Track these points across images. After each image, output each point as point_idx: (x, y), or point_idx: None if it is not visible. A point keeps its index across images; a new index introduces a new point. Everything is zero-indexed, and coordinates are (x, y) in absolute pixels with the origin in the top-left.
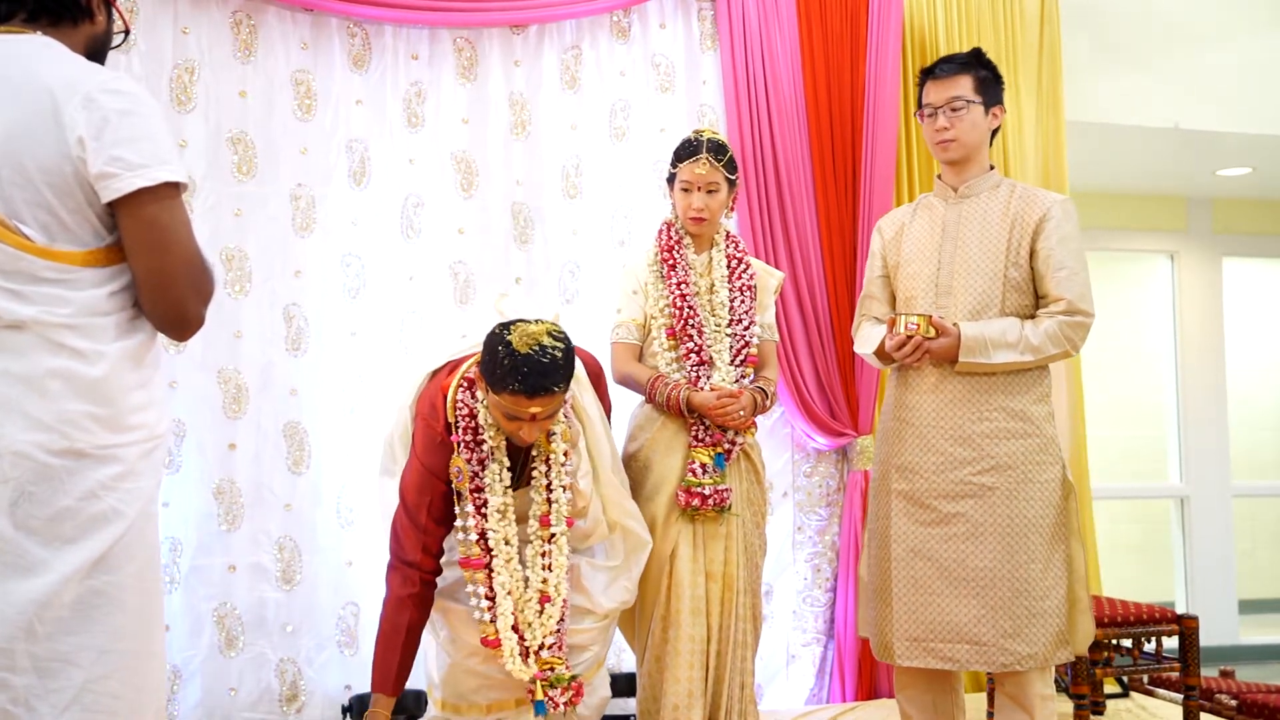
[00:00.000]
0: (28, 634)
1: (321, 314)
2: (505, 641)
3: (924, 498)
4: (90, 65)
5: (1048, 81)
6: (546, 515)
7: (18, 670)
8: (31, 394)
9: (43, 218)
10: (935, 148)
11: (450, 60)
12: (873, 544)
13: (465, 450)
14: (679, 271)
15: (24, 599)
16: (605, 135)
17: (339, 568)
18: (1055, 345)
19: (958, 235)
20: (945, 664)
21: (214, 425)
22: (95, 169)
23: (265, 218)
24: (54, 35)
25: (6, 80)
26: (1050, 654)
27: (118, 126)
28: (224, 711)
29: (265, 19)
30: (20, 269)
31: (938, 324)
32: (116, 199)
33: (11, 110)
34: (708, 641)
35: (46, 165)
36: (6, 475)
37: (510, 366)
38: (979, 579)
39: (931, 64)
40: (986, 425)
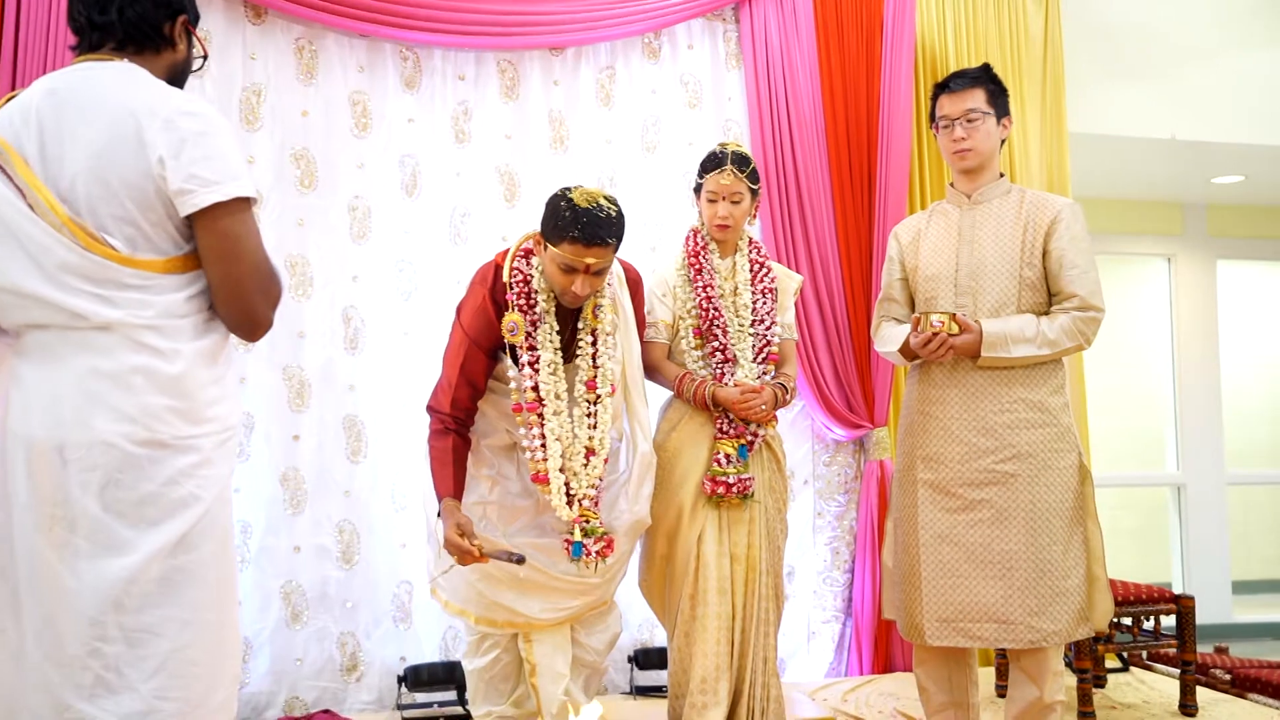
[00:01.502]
0: (117, 607)
1: (377, 315)
2: (553, 480)
3: (949, 486)
4: (169, 90)
5: (1051, 96)
6: (592, 380)
7: (109, 640)
8: (118, 389)
9: (127, 230)
10: (952, 157)
11: (494, 81)
12: (898, 531)
13: (519, 311)
14: (705, 275)
15: (113, 575)
16: (638, 149)
17: (394, 549)
18: (1070, 339)
19: (974, 239)
20: (974, 642)
21: (280, 418)
22: (174, 185)
23: (325, 227)
24: (139, 62)
25: (96, 104)
26: (1073, 630)
27: (194, 146)
28: (291, 680)
29: (325, 44)
30: (107, 276)
31: (961, 321)
32: (193, 212)
33: (100, 132)
34: (733, 619)
35: (130, 182)
36: (96, 463)
37: (571, 218)
38: (1004, 561)
39: (945, 79)
40: (1007, 416)
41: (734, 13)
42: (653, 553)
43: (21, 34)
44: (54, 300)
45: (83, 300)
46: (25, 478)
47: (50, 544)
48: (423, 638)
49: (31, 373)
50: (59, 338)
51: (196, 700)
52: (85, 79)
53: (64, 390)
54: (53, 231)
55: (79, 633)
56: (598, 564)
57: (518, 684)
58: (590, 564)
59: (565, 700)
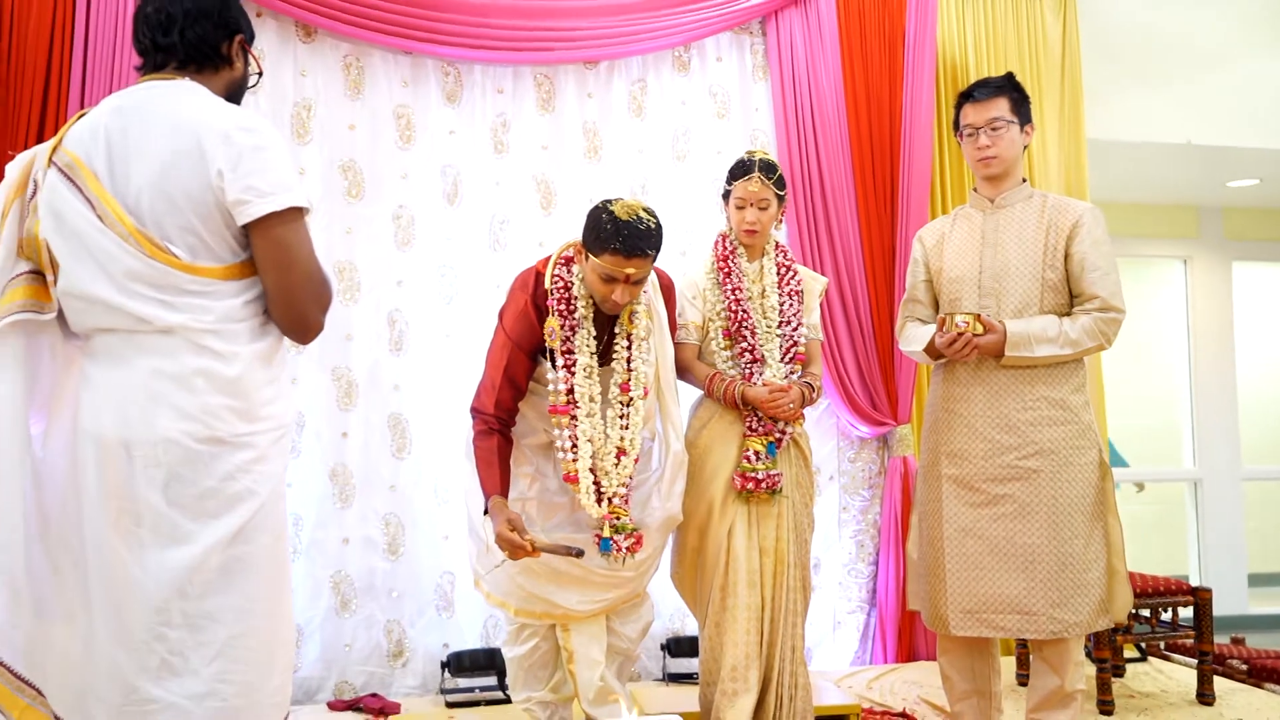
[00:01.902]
0: (180, 595)
1: (420, 319)
2: (582, 480)
3: (973, 481)
4: (228, 106)
5: (1069, 103)
6: (626, 383)
7: (173, 625)
8: (180, 389)
9: (188, 239)
10: (977, 164)
11: (531, 94)
12: (923, 525)
13: (559, 317)
14: (734, 279)
15: (176, 565)
16: (668, 158)
17: (437, 541)
18: (1091, 339)
19: (997, 242)
20: (997, 632)
21: (329, 416)
22: (232, 196)
23: (371, 235)
24: (199, 80)
25: (160, 121)
26: (1093, 621)
27: (251, 160)
28: (340, 665)
29: (371, 61)
30: (169, 282)
31: (986, 322)
32: (250, 222)
33: (164, 147)
34: (762, 609)
35: (192, 193)
36: (159, 459)
37: (613, 230)
38: (1026, 555)
39: (969, 88)
40: (1030, 414)
41: (761, 26)
42: (684, 546)
43: (90, 56)
44: (121, 305)
45: (147, 305)
46: (95, 473)
47: (118, 535)
48: (464, 625)
49: (100, 374)
50: (125, 341)
51: (254, 682)
52: (150, 97)
53: (130, 390)
54: (120, 241)
55: (145, 619)
56: (626, 559)
57: (555, 670)
58: (619, 559)
59: (601, 686)
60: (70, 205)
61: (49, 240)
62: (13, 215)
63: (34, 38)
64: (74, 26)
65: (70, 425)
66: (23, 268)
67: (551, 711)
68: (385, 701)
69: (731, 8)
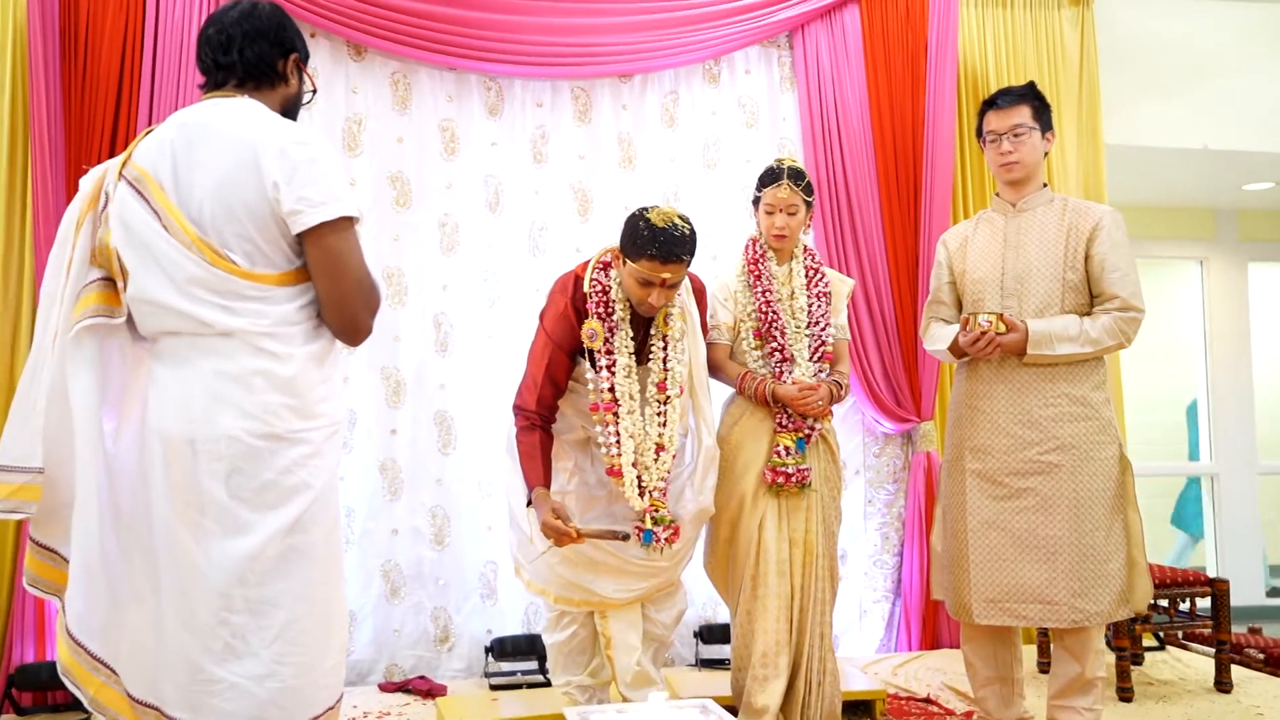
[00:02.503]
0: (241, 582)
1: (464, 321)
2: (626, 474)
3: (996, 475)
4: (283, 122)
5: (1087, 110)
6: (663, 382)
7: (235, 610)
8: (240, 389)
9: (246, 247)
10: (1000, 170)
11: (569, 106)
12: (947, 518)
13: (598, 319)
14: (764, 281)
15: (238, 553)
16: (699, 166)
17: (480, 532)
18: (1111, 338)
19: (1019, 245)
20: (1019, 621)
21: (379, 414)
22: (287, 207)
23: (418, 242)
24: (257, 97)
25: (220, 136)
26: (1113, 611)
27: (304, 172)
28: (390, 649)
29: (418, 78)
30: (229, 288)
31: (1009, 321)
32: (303, 230)
33: (224, 161)
34: (791, 598)
35: (250, 204)
36: (222, 454)
37: (649, 237)
38: (1048, 546)
39: (992, 95)
40: (1051, 410)
41: (788, 39)
42: (717, 537)
43: (156, 77)
44: (185, 310)
45: (209, 310)
46: (162, 468)
47: (184, 526)
48: (507, 612)
49: (166, 374)
50: (189, 343)
51: (310, 664)
52: (212, 114)
53: (194, 390)
54: (184, 249)
55: (210, 604)
56: (665, 549)
57: (594, 656)
58: (659, 549)
59: (638, 670)
60: (138, 216)
61: (119, 249)
62: (86, 226)
63: (106, 61)
64: (142, 50)
65: (139, 422)
66: (95, 275)
67: (590, 694)
68: (432, 684)
69: (759, 22)
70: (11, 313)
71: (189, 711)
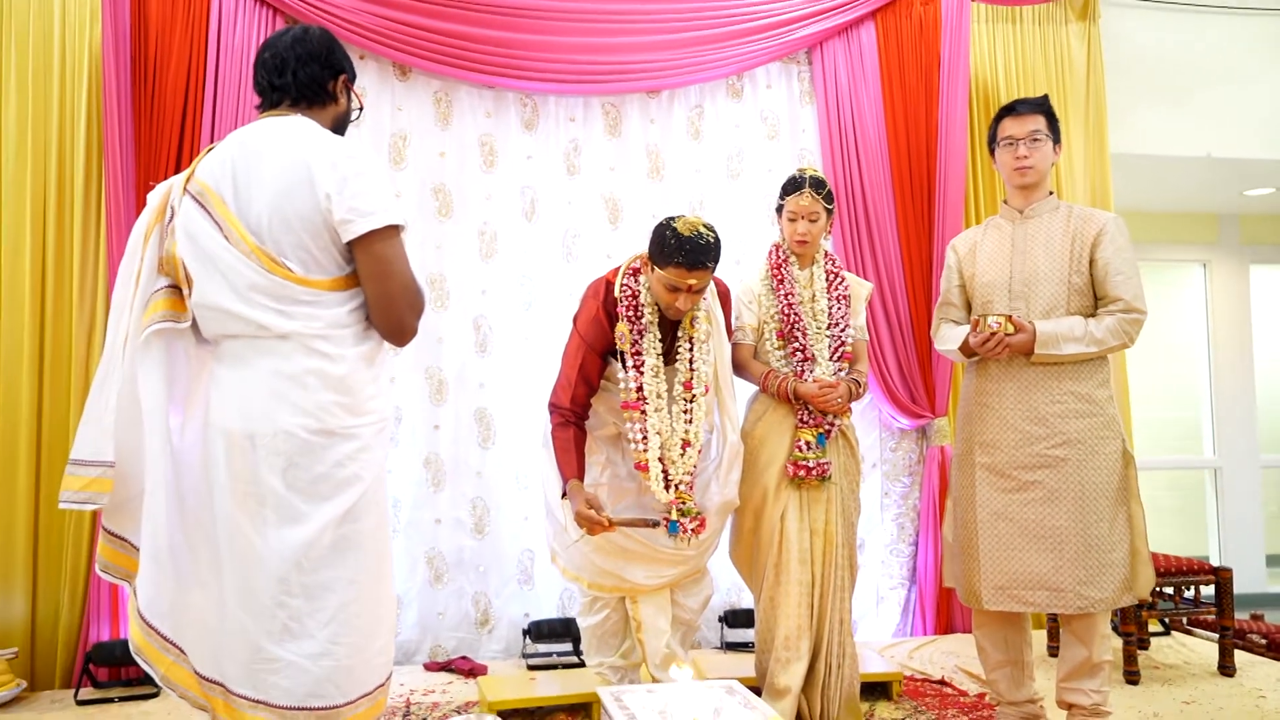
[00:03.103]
0: (298, 568)
1: (502, 323)
2: (652, 468)
3: (1005, 469)
4: (334, 138)
5: (1094, 121)
6: (689, 381)
7: (292, 594)
8: (295, 387)
9: (301, 255)
10: (1013, 174)
11: (600, 121)
12: (957, 509)
13: (628, 322)
14: (786, 285)
15: (294, 541)
16: (723, 176)
17: (518, 522)
18: (1115, 338)
19: (1026, 249)
20: (1027, 607)
21: (423, 411)
22: (338, 216)
23: (459, 249)
24: (310, 115)
25: (277, 152)
26: (1117, 598)
27: (354, 184)
28: (434, 630)
29: (458, 96)
30: (285, 293)
31: (1017, 322)
32: (353, 238)
33: (280, 175)
34: (812, 585)
35: (304, 215)
36: (279, 449)
37: (676, 245)
38: (1055, 536)
39: (1010, 104)
40: (1058, 407)
41: (807, 56)
42: (741, 528)
43: (218, 98)
44: (244, 314)
45: (266, 314)
46: (224, 462)
47: (244, 515)
48: (543, 597)
49: (227, 375)
50: (248, 345)
51: (361, 644)
52: (268, 132)
53: (253, 389)
54: (243, 258)
55: (268, 588)
56: (691, 539)
57: (625, 638)
58: (685, 539)
59: (667, 652)
60: (201, 227)
61: (184, 259)
62: (154, 238)
63: (172, 85)
64: (205, 75)
65: (202, 419)
66: (162, 283)
67: (622, 675)
68: (474, 664)
69: (780, 40)
70: (87, 318)
71: (250, 688)
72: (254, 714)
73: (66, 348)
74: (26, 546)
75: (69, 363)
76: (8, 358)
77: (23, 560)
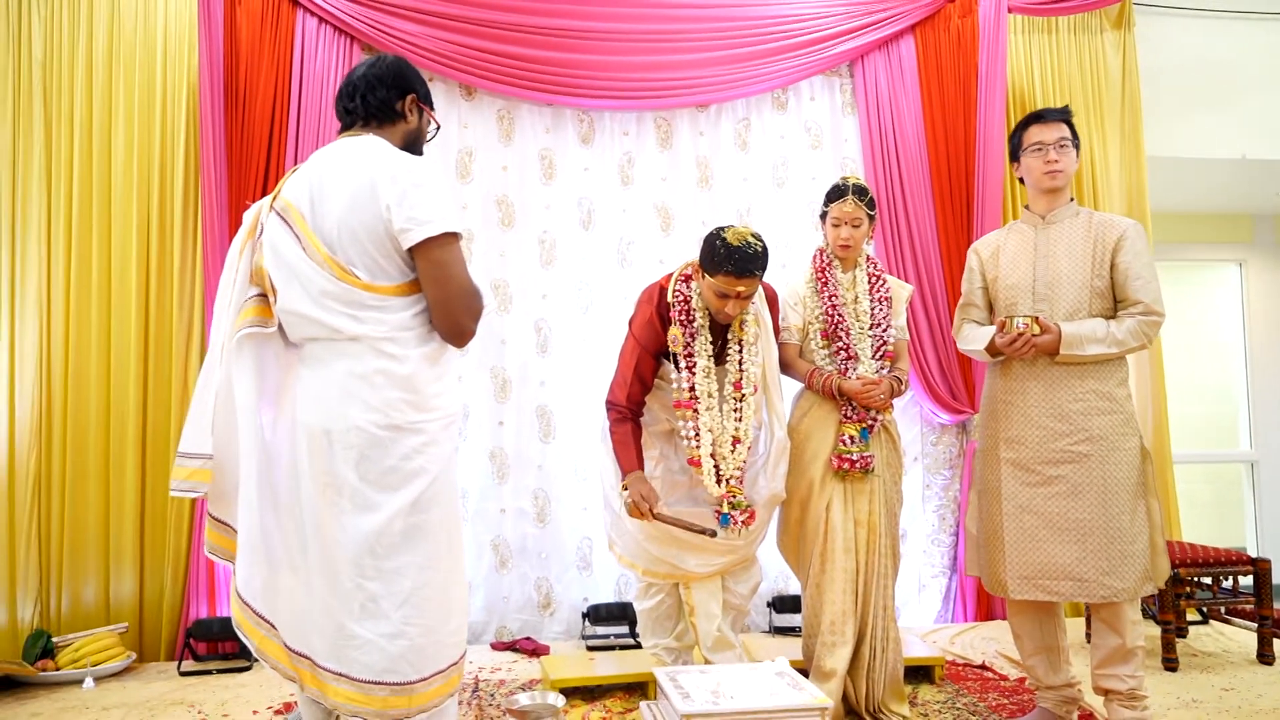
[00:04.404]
0: (371, 553)
1: (561, 326)
2: (704, 464)
3: (1029, 464)
4: (397, 153)
5: (1129, 125)
6: (739, 381)
7: (368, 577)
8: (365, 386)
9: (367, 263)
10: (1043, 177)
11: (652, 134)
12: (981, 502)
13: (680, 326)
14: (830, 287)
15: (368, 528)
16: (769, 185)
17: (577, 511)
18: (1135, 340)
19: (1049, 254)
20: (1052, 597)
21: (488, 407)
22: (398, 225)
23: (521, 257)
24: (380, 134)
25: (346, 169)
26: (1139, 588)
27: (413, 195)
28: (500, 613)
29: (520, 113)
30: (354, 299)
31: (1043, 323)
32: (413, 245)
33: (348, 190)
34: (856, 573)
35: (369, 225)
36: (352, 443)
37: (725, 254)
38: (1079, 528)
39: (1036, 112)
40: (1080, 404)
41: (849, 69)
42: (788, 518)
43: (300, 122)
44: (320, 319)
45: (339, 318)
46: (307, 454)
47: (325, 504)
48: (601, 582)
49: (308, 374)
50: (326, 348)
51: (434, 626)
52: (341, 151)
53: (329, 387)
54: (318, 267)
55: (347, 571)
56: (742, 531)
57: (679, 622)
58: (736, 532)
59: (718, 635)
60: (284, 240)
61: (270, 270)
62: (246, 252)
63: (260, 112)
64: (289, 102)
65: (290, 415)
66: (253, 292)
67: (676, 656)
68: (537, 644)
69: (823, 54)
70: (185, 324)
71: (334, 662)
72: (336, 685)
73: (168, 351)
74: (134, 532)
75: (170, 365)
76: (118, 362)
77: (131, 545)
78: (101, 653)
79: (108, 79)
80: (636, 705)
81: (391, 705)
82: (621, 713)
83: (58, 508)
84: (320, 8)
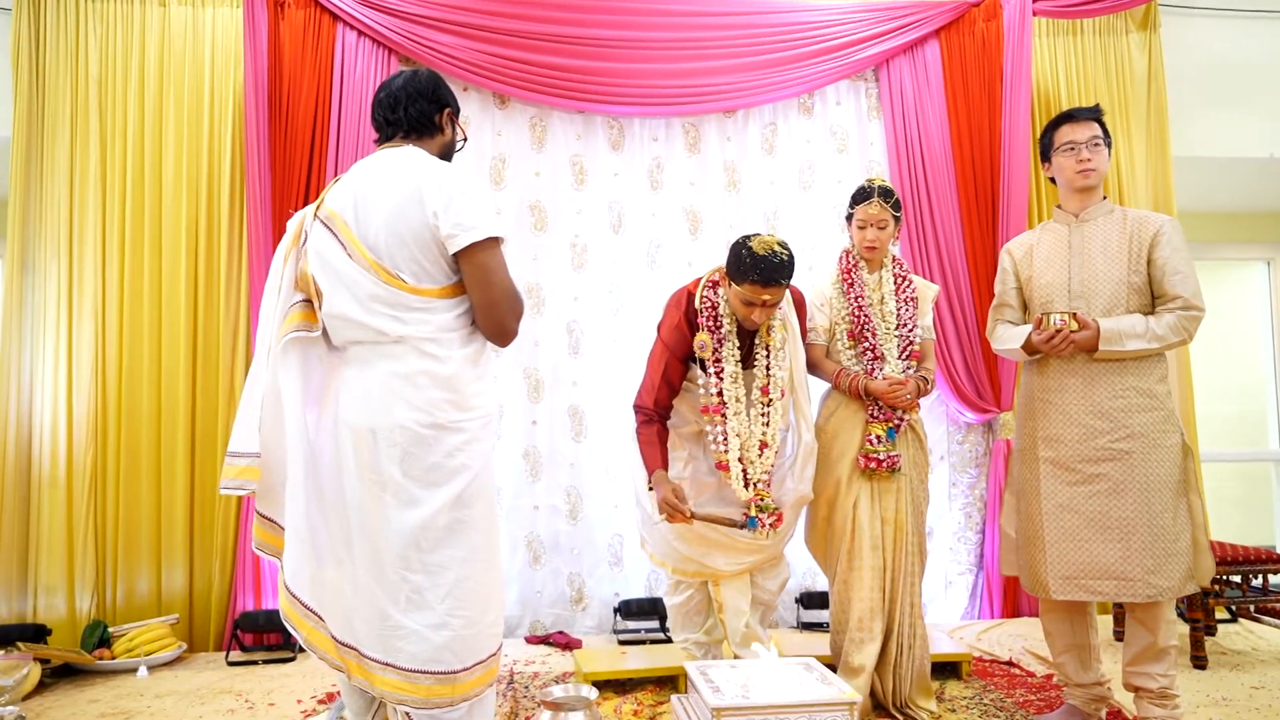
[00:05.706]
0: (416, 546)
1: (593, 327)
2: (732, 468)
3: (1069, 462)
4: (440, 163)
5: (1155, 126)
6: (766, 386)
7: (413, 570)
8: (409, 386)
9: (413, 267)
10: (1076, 176)
11: (680, 139)
12: (1021, 502)
13: (708, 331)
14: (856, 288)
15: (413, 523)
16: (796, 188)
17: (608, 509)
18: (1175, 335)
19: (1084, 251)
20: (1096, 597)
21: (522, 407)
22: (444, 231)
23: (553, 260)
24: (419, 145)
25: (390, 178)
26: (1182, 586)
27: (459, 202)
28: (534, 607)
29: (551, 120)
30: (399, 301)
31: (1082, 319)
32: (458, 250)
33: (393, 198)
34: (884, 570)
35: (415, 231)
36: (396, 441)
37: (751, 263)
38: (1121, 527)
39: (1068, 111)
40: (1120, 401)
41: (874, 73)
42: (816, 516)
43: (340, 131)
44: (365, 321)
45: (384, 321)
46: (352, 453)
47: (370, 500)
48: (631, 578)
49: (353, 376)
50: (370, 350)
51: (475, 617)
52: (384, 161)
53: (373, 388)
54: (363, 271)
55: (393, 564)
56: (769, 533)
57: (708, 617)
58: (763, 534)
59: (747, 631)
60: (329, 247)
61: (315, 275)
62: (291, 259)
63: (302, 123)
64: (330, 114)
65: (334, 415)
66: (298, 297)
67: (705, 650)
68: (570, 638)
69: (848, 60)
70: (231, 328)
71: (380, 651)
72: (383, 675)
73: (215, 354)
74: (184, 528)
75: (217, 368)
76: (168, 365)
77: (182, 539)
78: (154, 642)
79: (159, 95)
80: (667, 698)
81: (436, 694)
82: (653, 705)
83: (113, 504)
84: (360, 21)
